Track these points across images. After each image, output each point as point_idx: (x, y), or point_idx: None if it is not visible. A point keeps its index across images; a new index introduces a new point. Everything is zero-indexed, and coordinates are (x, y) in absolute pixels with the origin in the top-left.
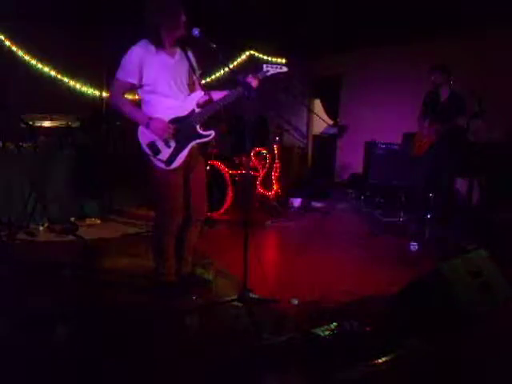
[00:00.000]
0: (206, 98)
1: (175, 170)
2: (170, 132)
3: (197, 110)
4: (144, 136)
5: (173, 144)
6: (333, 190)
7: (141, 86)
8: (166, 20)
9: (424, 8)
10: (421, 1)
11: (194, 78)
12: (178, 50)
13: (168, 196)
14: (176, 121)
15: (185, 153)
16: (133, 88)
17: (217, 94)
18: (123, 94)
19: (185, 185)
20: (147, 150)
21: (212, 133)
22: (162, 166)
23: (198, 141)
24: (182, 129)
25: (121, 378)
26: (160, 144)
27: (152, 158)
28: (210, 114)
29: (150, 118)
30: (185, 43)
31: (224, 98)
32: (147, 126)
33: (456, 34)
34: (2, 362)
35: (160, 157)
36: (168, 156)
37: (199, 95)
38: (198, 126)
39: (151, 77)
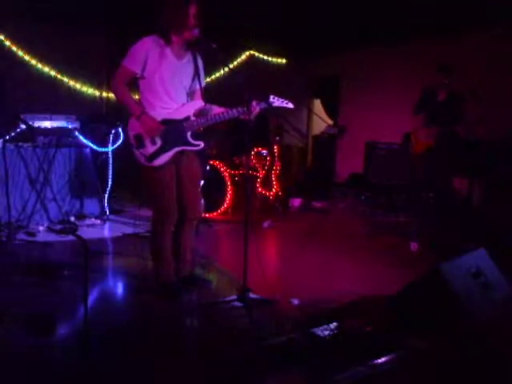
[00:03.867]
0: (205, 109)
1: (160, 167)
2: (156, 132)
3: (192, 118)
4: (133, 127)
5: (159, 143)
6: (333, 190)
7: (142, 78)
8: (175, 21)
9: (424, 8)
10: (421, 1)
11: (198, 86)
12: (188, 55)
13: (158, 194)
14: (168, 122)
15: (168, 154)
16: (135, 77)
17: (217, 108)
18: (125, 81)
19: (178, 183)
20: (132, 141)
21: (201, 144)
22: (143, 160)
23: (185, 148)
24: (171, 131)
25: (121, 379)
26: (146, 139)
27: (135, 149)
28: (204, 126)
29: (143, 112)
30: (196, 49)
31: (223, 114)
32: (138, 118)
33: (456, 34)
34: (2, 363)
35: (142, 151)
36: (151, 153)
37: (199, 104)
38: (188, 134)
39: (152, 70)
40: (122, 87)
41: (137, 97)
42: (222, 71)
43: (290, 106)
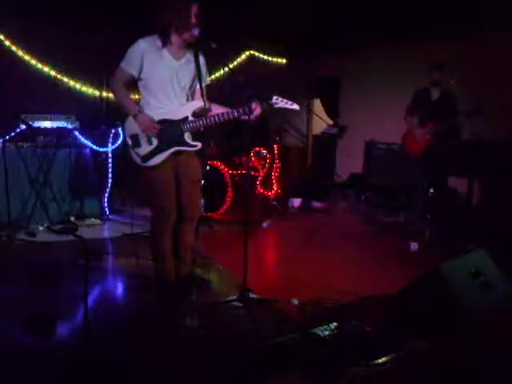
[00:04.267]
0: (205, 108)
1: (156, 167)
2: (153, 131)
3: (190, 119)
4: (130, 127)
5: (155, 143)
6: (333, 190)
7: (140, 79)
8: (177, 21)
9: (424, 8)
10: (420, 1)
11: (198, 87)
12: (188, 54)
13: (156, 194)
14: (165, 122)
15: (164, 155)
16: (132, 78)
17: (217, 108)
18: (123, 82)
19: (177, 183)
20: (128, 141)
21: (198, 144)
22: (138, 160)
23: (182, 148)
24: (168, 131)
25: (121, 378)
26: (142, 139)
27: (130, 149)
28: (202, 126)
29: (140, 111)
30: (198, 49)
31: (222, 115)
32: (135, 116)
33: (456, 33)
34: (2, 363)
35: (138, 151)
36: (146, 153)
37: (198, 105)
38: (186, 134)
39: (148, 72)
40: (119, 88)
41: (137, 97)
42: (222, 71)
43: (295, 107)
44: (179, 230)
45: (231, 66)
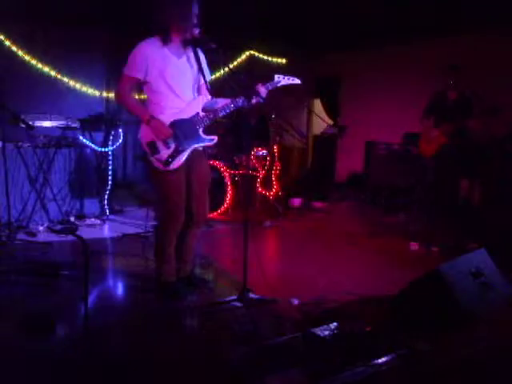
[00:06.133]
0: (212, 102)
1: (174, 170)
2: (166, 136)
3: (201, 114)
4: (145, 134)
5: (172, 145)
6: (333, 190)
7: (146, 83)
8: (177, 20)
9: (424, 8)
10: (421, 1)
11: (202, 82)
12: (187, 52)
13: (169, 197)
14: (178, 122)
15: (184, 155)
16: (138, 83)
17: (222, 101)
18: (130, 89)
19: (187, 186)
20: (146, 149)
21: (215, 138)
22: (159, 166)
23: (200, 144)
24: (183, 131)
25: (121, 379)
26: (160, 144)
27: (150, 157)
28: (214, 119)
29: (152, 117)
30: (197, 45)
31: (231, 103)
32: (148, 122)
33: (456, 34)
34: (2, 363)
35: (158, 157)
36: (166, 157)
37: (205, 99)
38: (200, 130)
39: (154, 73)
40: (127, 96)
41: (136, 96)
42: (221, 71)
43: (297, 81)
44: (185, 232)
45: (231, 65)
